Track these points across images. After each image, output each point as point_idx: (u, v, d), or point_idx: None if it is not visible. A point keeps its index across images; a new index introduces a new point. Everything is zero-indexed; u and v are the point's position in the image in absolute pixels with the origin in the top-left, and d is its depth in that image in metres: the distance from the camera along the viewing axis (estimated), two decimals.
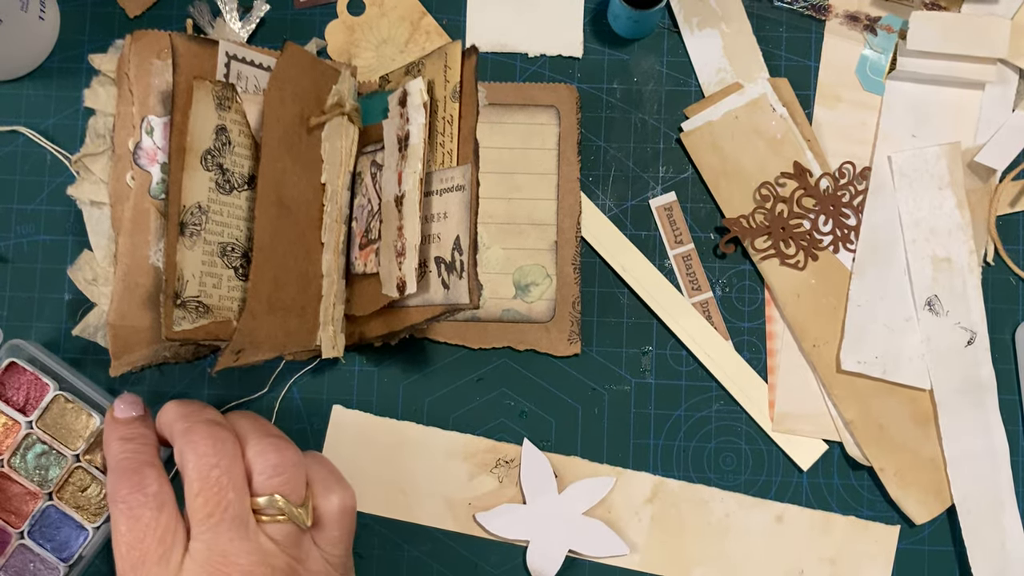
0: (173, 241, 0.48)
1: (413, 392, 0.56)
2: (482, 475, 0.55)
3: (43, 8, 0.56)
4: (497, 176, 0.57)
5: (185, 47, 0.50)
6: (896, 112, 0.56)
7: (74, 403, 0.53)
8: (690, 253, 0.57)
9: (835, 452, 0.55)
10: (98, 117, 0.54)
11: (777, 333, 0.56)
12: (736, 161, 0.56)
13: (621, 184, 0.57)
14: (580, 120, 0.57)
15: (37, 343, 0.56)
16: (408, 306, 0.51)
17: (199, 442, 0.42)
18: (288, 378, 0.56)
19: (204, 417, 0.44)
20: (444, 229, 0.50)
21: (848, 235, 0.56)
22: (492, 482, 0.55)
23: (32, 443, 0.53)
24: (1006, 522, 0.53)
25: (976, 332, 0.55)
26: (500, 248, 0.56)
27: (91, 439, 0.53)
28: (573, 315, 0.56)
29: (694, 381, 0.56)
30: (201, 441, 0.42)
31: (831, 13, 0.58)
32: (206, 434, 0.42)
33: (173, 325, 0.48)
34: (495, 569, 0.55)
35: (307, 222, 0.52)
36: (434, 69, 0.52)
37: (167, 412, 0.45)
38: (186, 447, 0.42)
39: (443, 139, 0.51)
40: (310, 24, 0.58)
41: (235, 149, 0.52)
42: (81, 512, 0.53)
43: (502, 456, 0.55)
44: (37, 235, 0.57)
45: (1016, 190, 0.56)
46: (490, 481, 0.55)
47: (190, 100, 0.50)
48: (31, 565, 0.53)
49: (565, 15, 0.58)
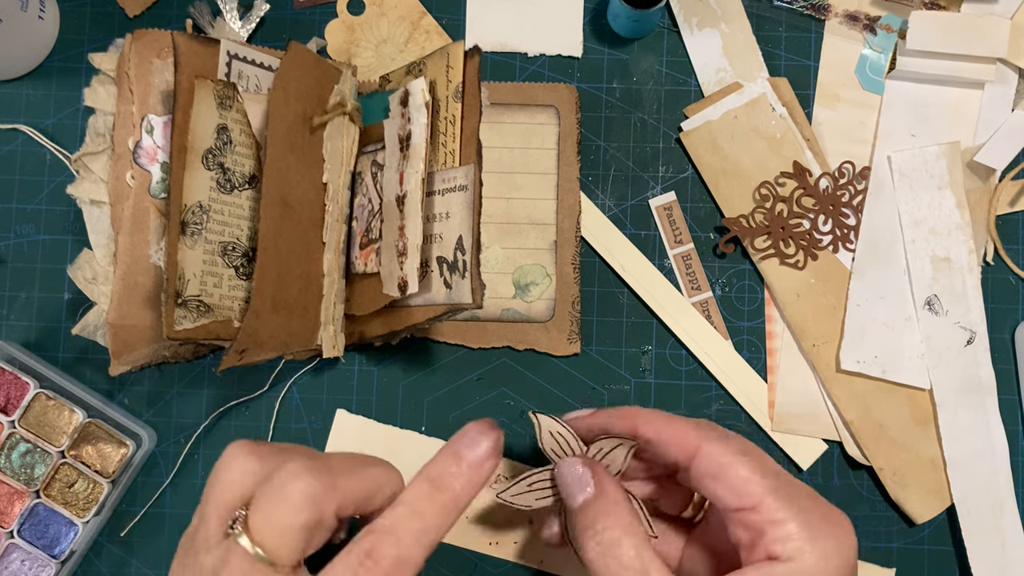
0: (174, 240, 0.48)
1: (413, 392, 0.56)
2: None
3: (43, 7, 0.56)
4: (497, 176, 0.57)
5: (187, 46, 0.50)
6: (896, 112, 0.57)
7: (55, 400, 0.53)
8: (690, 253, 0.57)
9: (835, 452, 0.55)
10: (98, 116, 0.54)
11: (777, 333, 0.56)
12: (736, 161, 0.56)
13: (621, 184, 0.57)
14: (580, 120, 0.57)
15: (14, 342, 0.55)
16: (409, 306, 0.51)
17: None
18: (288, 377, 0.56)
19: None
20: (446, 229, 0.50)
21: (848, 235, 0.56)
22: (490, 495, 0.54)
23: (16, 442, 0.53)
24: (1006, 522, 0.53)
25: (976, 332, 0.55)
26: (500, 248, 0.56)
27: (75, 435, 0.53)
28: (573, 315, 0.56)
29: (694, 381, 0.56)
30: None
31: (831, 13, 0.58)
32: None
33: (174, 324, 0.48)
34: (495, 569, 0.55)
35: (309, 222, 0.52)
36: (436, 69, 0.52)
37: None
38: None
39: (445, 139, 0.51)
40: (310, 24, 0.58)
41: (236, 148, 0.52)
42: (70, 508, 0.53)
43: (500, 472, 0.55)
44: (37, 235, 0.57)
45: (1016, 190, 0.56)
46: (488, 495, 0.54)
47: (191, 99, 0.50)
48: (23, 564, 0.53)
49: (565, 15, 0.58)
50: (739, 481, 0.38)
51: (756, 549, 0.37)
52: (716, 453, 0.39)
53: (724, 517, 0.40)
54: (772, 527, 0.37)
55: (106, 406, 0.54)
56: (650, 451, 0.42)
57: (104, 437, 0.54)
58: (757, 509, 0.37)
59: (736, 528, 0.39)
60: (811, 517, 0.37)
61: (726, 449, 0.39)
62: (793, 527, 0.37)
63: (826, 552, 0.36)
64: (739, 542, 0.39)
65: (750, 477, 0.38)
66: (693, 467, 0.40)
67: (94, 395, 0.55)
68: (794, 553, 0.36)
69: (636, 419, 0.41)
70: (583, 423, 0.43)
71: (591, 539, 0.38)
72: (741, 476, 0.38)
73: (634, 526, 0.38)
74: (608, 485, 0.40)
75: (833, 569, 0.36)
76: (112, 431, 0.54)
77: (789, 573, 0.36)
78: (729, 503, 0.38)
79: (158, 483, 0.56)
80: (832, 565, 0.36)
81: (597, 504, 0.39)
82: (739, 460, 0.38)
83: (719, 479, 0.38)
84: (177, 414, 0.56)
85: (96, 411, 0.54)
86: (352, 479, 0.36)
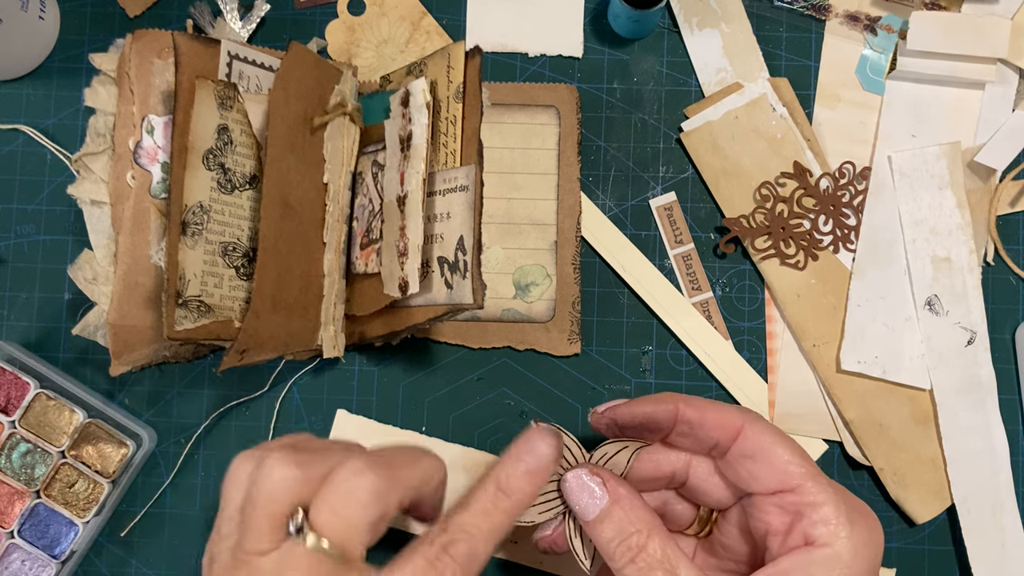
0: (175, 240, 0.48)
1: (413, 392, 0.56)
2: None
3: (43, 8, 0.56)
4: (497, 176, 0.57)
5: (187, 46, 0.50)
6: (896, 112, 0.57)
7: (56, 400, 0.53)
8: (690, 253, 0.57)
9: (835, 452, 0.55)
10: (98, 116, 0.54)
11: (777, 333, 0.56)
12: (736, 161, 0.56)
13: (621, 184, 0.57)
14: (580, 120, 0.57)
15: (15, 342, 0.55)
16: (410, 306, 0.51)
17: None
18: (288, 378, 0.56)
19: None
20: (447, 229, 0.50)
21: (848, 235, 0.56)
22: None
23: (16, 443, 0.53)
24: (1006, 522, 0.53)
25: (976, 332, 0.55)
26: (500, 248, 0.56)
27: (75, 435, 0.53)
28: (573, 315, 0.56)
29: (694, 381, 0.56)
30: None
31: (831, 13, 0.58)
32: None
33: (175, 325, 0.48)
34: (495, 569, 0.55)
35: (310, 222, 0.52)
36: (437, 69, 0.52)
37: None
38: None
39: (446, 139, 0.51)
40: (310, 24, 0.58)
41: (237, 148, 0.52)
42: (70, 508, 0.53)
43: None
44: (37, 235, 0.57)
45: (1016, 190, 0.56)
46: None
47: (192, 99, 0.50)
48: (24, 564, 0.53)
49: (565, 15, 0.58)
50: (781, 462, 0.38)
51: (792, 533, 0.38)
52: (760, 433, 0.39)
53: (753, 507, 0.40)
54: (811, 509, 0.37)
55: (106, 406, 0.54)
56: (688, 435, 0.42)
57: (104, 437, 0.54)
58: (797, 491, 0.38)
59: (768, 514, 0.39)
60: (848, 505, 0.38)
61: (769, 430, 0.39)
62: (831, 511, 0.37)
63: (861, 540, 0.37)
64: (770, 529, 0.39)
65: (791, 459, 0.38)
66: (735, 447, 0.40)
67: (94, 395, 0.55)
68: (831, 538, 0.36)
69: (678, 402, 0.42)
70: (624, 411, 0.43)
71: (618, 548, 0.39)
72: (784, 458, 0.38)
73: (657, 526, 0.39)
74: (620, 490, 0.40)
75: (868, 558, 0.37)
76: (112, 431, 0.54)
77: (827, 559, 0.36)
78: (769, 484, 0.39)
79: (158, 483, 0.56)
80: (866, 554, 0.37)
81: (616, 512, 0.40)
82: (781, 441, 0.39)
83: (761, 459, 0.39)
84: (177, 414, 0.56)
85: (96, 411, 0.54)
86: (411, 472, 0.38)
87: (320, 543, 0.34)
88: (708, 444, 0.41)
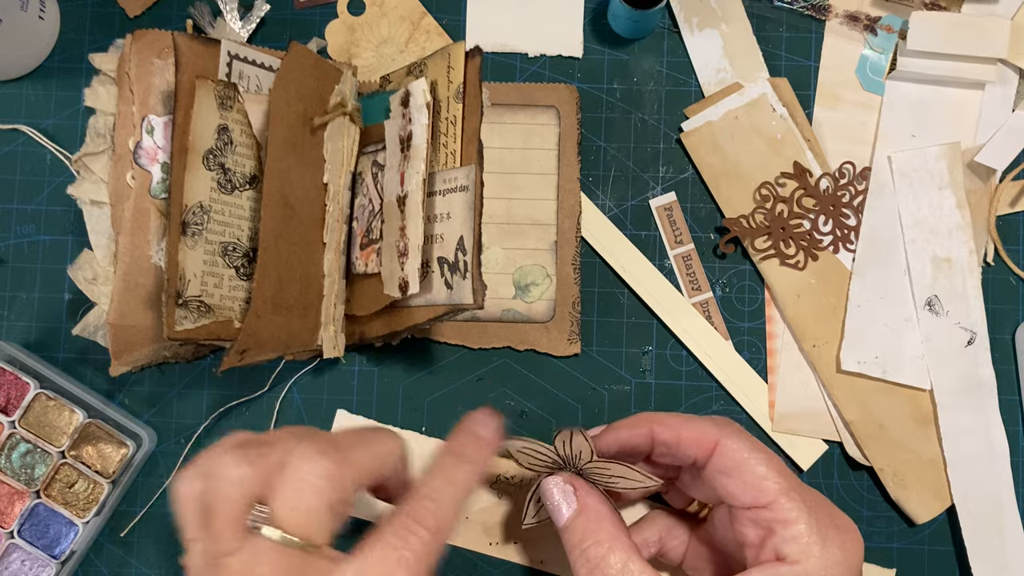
0: (175, 241, 0.48)
1: (413, 392, 0.56)
2: (480, 490, 0.55)
3: (43, 7, 0.56)
4: (497, 176, 0.57)
5: (187, 46, 0.50)
6: (896, 112, 0.57)
7: (56, 400, 0.53)
8: (690, 253, 0.57)
9: (835, 452, 0.55)
10: (98, 116, 0.54)
11: (777, 333, 0.56)
12: (736, 161, 0.56)
13: (621, 184, 0.57)
14: (580, 120, 0.57)
15: (15, 343, 0.55)
16: (410, 306, 0.51)
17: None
18: (288, 378, 0.56)
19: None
20: (447, 229, 0.50)
21: (848, 235, 0.56)
22: (491, 497, 0.54)
23: (16, 443, 0.53)
24: (1006, 522, 0.53)
25: (976, 332, 0.55)
26: (500, 248, 0.56)
27: (75, 435, 0.53)
28: (573, 315, 0.56)
29: (694, 381, 0.56)
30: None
31: (831, 13, 0.58)
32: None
33: (175, 325, 0.48)
34: (495, 569, 0.55)
35: (310, 222, 0.52)
36: (437, 70, 0.52)
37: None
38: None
39: (446, 139, 0.51)
40: (310, 24, 0.58)
41: (237, 149, 0.52)
42: (70, 508, 0.53)
43: (502, 473, 0.55)
44: (37, 235, 0.57)
45: (1016, 190, 0.56)
46: (488, 497, 0.54)
47: (192, 99, 0.50)
48: (24, 564, 0.53)
49: (565, 15, 0.58)
50: (755, 478, 0.39)
51: (764, 548, 0.38)
52: (734, 449, 0.40)
53: (732, 516, 0.40)
54: (783, 526, 0.37)
55: (106, 406, 0.54)
56: (667, 455, 0.43)
57: (104, 437, 0.54)
58: (770, 507, 0.38)
59: (744, 526, 0.39)
60: (821, 521, 0.38)
61: (744, 446, 0.40)
62: (803, 528, 0.37)
63: (833, 559, 0.37)
64: (745, 541, 0.39)
65: (766, 475, 0.39)
66: (711, 464, 0.40)
67: (94, 395, 0.55)
68: (801, 556, 0.37)
69: (651, 424, 0.42)
70: (600, 443, 0.44)
71: (579, 557, 0.40)
72: (758, 473, 0.39)
73: (620, 539, 0.40)
74: (589, 500, 0.41)
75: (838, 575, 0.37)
76: (112, 431, 0.54)
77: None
78: (743, 500, 0.39)
79: (158, 483, 0.56)
80: (837, 573, 0.37)
81: (580, 521, 0.41)
82: (757, 457, 0.39)
83: (735, 475, 0.39)
84: (177, 414, 0.56)
85: (96, 411, 0.54)
86: (362, 452, 0.38)
87: (282, 535, 0.35)
88: (687, 461, 0.42)
